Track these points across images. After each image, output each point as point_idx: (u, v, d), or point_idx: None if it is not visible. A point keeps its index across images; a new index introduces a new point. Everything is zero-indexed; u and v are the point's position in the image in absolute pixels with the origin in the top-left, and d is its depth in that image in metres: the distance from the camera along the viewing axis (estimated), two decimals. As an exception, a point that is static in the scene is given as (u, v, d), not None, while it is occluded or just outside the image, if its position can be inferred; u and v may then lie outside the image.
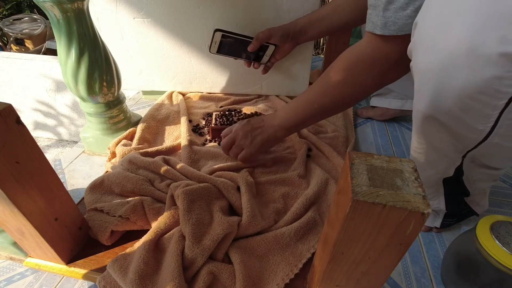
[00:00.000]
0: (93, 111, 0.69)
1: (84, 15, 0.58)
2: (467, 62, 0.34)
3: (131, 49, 0.85)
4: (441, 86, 0.39)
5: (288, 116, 0.59)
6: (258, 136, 0.61)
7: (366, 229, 0.25)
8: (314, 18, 0.71)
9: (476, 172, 0.47)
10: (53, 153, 1.41)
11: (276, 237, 0.50)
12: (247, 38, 0.74)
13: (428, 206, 0.22)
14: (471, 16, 0.32)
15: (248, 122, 0.63)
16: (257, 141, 0.61)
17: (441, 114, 0.41)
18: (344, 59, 0.51)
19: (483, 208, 0.54)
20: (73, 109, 1.36)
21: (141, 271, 0.43)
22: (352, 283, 0.32)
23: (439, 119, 0.42)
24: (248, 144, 0.62)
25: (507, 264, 0.38)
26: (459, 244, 0.48)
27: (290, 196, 0.60)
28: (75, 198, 0.60)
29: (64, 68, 0.61)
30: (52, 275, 0.50)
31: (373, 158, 0.27)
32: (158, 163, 0.61)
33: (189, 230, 0.47)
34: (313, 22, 0.71)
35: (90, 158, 0.75)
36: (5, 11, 1.96)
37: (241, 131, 0.62)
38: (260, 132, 0.61)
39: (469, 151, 0.43)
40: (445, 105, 0.39)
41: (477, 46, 0.32)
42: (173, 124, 0.81)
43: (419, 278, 0.50)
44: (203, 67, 0.89)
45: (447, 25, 0.35)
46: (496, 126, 0.37)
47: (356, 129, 0.87)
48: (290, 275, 0.46)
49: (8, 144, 0.35)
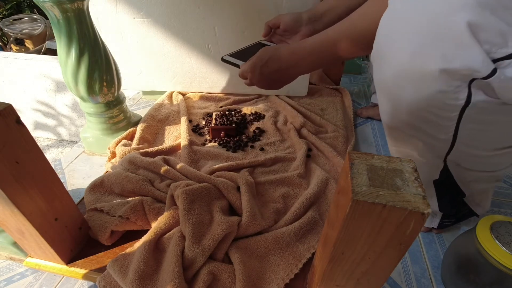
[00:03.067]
0: (93, 111, 0.69)
1: (84, 15, 0.58)
2: (413, 78, 0.36)
3: (131, 49, 0.85)
4: (395, 98, 0.41)
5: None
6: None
7: (366, 229, 0.25)
8: (330, 2, 0.67)
9: (468, 174, 0.46)
10: (53, 153, 1.41)
11: (276, 237, 0.50)
12: (253, 44, 0.73)
13: (428, 206, 0.22)
14: (415, 35, 0.35)
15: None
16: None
17: (403, 126, 0.43)
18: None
19: (484, 209, 0.54)
20: (73, 109, 1.36)
21: (141, 271, 0.43)
22: (352, 283, 0.32)
23: (403, 130, 0.44)
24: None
25: (507, 264, 0.38)
26: (459, 244, 0.48)
27: (290, 196, 0.60)
28: (75, 198, 0.60)
29: (64, 68, 0.61)
30: (52, 275, 0.50)
31: (373, 158, 0.27)
32: (158, 163, 0.61)
33: (189, 230, 0.47)
34: (329, 4, 0.67)
35: (90, 158, 0.75)
36: (5, 11, 1.96)
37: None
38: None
39: (446, 155, 0.43)
40: (403, 117, 0.41)
41: (420, 63, 0.35)
42: (173, 124, 0.81)
43: (419, 278, 0.50)
44: (203, 67, 0.89)
45: (395, 42, 0.37)
46: (457, 136, 0.39)
47: (356, 129, 0.87)
48: (290, 275, 0.46)
49: (8, 144, 0.35)
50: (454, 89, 0.34)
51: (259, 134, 0.78)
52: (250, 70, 0.57)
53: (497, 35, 0.30)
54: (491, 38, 0.30)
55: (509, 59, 0.30)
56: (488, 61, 0.30)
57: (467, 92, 0.34)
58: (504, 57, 0.30)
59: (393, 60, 0.38)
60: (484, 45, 0.30)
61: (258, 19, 0.79)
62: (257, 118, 0.83)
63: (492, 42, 0.30)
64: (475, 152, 0.41)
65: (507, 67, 0.30)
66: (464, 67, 0.32)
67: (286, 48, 0.54)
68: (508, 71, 0.30)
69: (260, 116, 0.84)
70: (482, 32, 0.30)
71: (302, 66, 0.54)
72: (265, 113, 0.85)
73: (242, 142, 0.74)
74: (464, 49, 0.31)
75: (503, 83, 0.31)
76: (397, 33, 0.37)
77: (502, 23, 0.29)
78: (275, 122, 0.82)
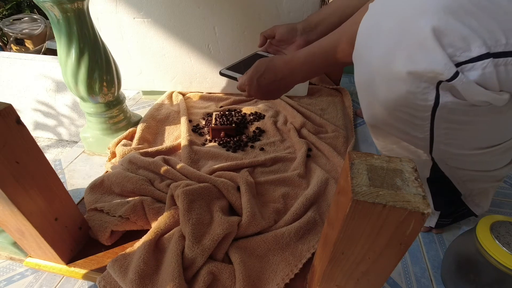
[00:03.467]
0: (93, 111, 0.69)
1: (84, 15, 0.58)
2: (384, 78, 0.38)
3: (131, 49, 0.85)
4: (371, 97, 0.42)
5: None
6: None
7: (366, 229, 0.25)
8: (324, 11, 0.70)
9: (461, 173, 0.46)
10: (53, 153, 1.41)
11: (276, 237, 0.50)
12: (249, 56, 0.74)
13: (428, 206, 0.22)
14: (386, 37, 0.36)
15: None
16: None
17: (382, 124, 0.44)
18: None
19: (483, 209, 0.53)
20: (73, 109, 1.36)
21: (141, 271, 0.43)
22: (352, 283, 0.32)
23: (383, 129, 0.45)
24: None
25: (507, 264, 0.38)
26: (459, 244, 0.48)
27: (290, 196, 0.60)
28: (75, 198, 0.60)
29: (64, 68, 0.61)
30: (52, 275, 0.50)
31: (373, 158, 0.27)
32: (158, 163, 0.61)
33: (189, 230, 0.47)
34: (323, 15, 0.70)
35: (90, 158, 0.75)
36: (5, 11, 1.96)
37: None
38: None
39: (430, 153, 0.44)
40: (380, 116, 0.43)
41: (389, 64, 0.36)
42: (173, 124, 0.81)
43: (419, 278, 0.50)
44: (203, 67, 0.89)
45: (370, 44, 0.38)
46: (434, 135, 0.40)
47: (356, 129, 0.87)
48: (290, 275, 0.46)
49: (8, 144, 0.35)
50: (422, 90, 0.35)
51: (259, 134, 0.78)
52: (247, 83, 0.59)
53: (460, 39, 0.30)
54: (454, 42, 0.31)
55: (472, 62, 0.31)
56: (450, 64, 0.31)
57: (435, 94, 0.35)
58: (467, 60, 0.31)
59: (368, 61, 0.39)
60: (448, 49, 0.31)
61: (258, 19, 0.79)
62: (257, 118, 0.83)
63: (456, 46, 0.31)
64: (456, 151, 0.42)
65: (470, 70, 0.31)
66: (428, 69, 0.33)
67: (281, 59, 0.57)
68: (471, 74, 0.31)
69: (260, 116, 0.84)
70: (446, 37, 0.31)
71: (297, 75, 0.56)
72: (265, 113, 0.85)
73: (242, 142, 0.74)
74: (427, 52, 0.32)
75: (466, 85, 0.32)
76: (372, 36, 0.38)
77: (465, 28, 0.30)
78: (275, 122, 0.82)
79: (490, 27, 0.30)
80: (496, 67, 0.30)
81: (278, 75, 0.57)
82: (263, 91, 0.59)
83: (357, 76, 0.43)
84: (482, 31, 0.30)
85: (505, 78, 0.31)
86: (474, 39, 0.30)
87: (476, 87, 0.32)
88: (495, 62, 0.30)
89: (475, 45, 0.30)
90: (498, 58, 0.30)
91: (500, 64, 0.30)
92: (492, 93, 0.32)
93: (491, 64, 0.30)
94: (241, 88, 0.62)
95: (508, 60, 0.30)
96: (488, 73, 0.31)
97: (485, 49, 0.30)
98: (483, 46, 0.30)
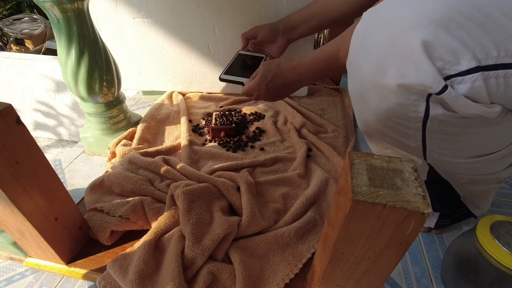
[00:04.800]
0: (93, 111, 0.69)
1: (84, 15, 0.58)
2: (375, 89, 0.38)
3: (131, 49, 0.85)
4: (363, 106, 0.43)
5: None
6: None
7: (366, 229, 0.25)
8: (305, 13, 0.72)
9: (460, 176, 0.46)
10: (53, 153, 1.41)
11: (276, 237, 0.50)
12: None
13: (428, 206, 0.22)
14: (376, 49, 0.36)
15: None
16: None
17: (375, 133, 0.45)
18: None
19: (483, 210, 0.53)
20: (73, 109, 1.36)
21: (141, 271, 0.43)
22: (352, 283, 0.32)
23: (377, 136, 0.45)
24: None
25: (507, 264, 0.38)
26: (459, 244, 0.48)
27: (290, 196, 0.60)
28: (75, 198, 0.60)
29: (64, 68, 0.61)
30: (52, 275, 0.50)
31: (373, 158, 0.27)
32: (158, 163, 0.61)
33: (189, 230, 0.47)
34: (304, 16, 0.72)
35: (90, 158, 0.75)
36: (5, 11, 1.96)
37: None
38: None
39: (425, 159, 0.44)
40: (372, 124, 0.43)
41: (380, 76, 0.36)
42: (173, 124, 0.81)
43: (419, 278, 0.50)
44: (203, 67, 0.89)
45: (363, 55, 0.38)
46: (426, 145, 0.40)
47: (356, 129, 0.87)
48: (290, 275, 0.46)
49: (8, 144, 0.35)
50: (412, 102, 0.35)
51: (259, 134, 0.78)
52: (257, 88, 0.61)
53: (449, 53, 0.30)
54: (444, 55, 0.31)
55: (461, 76, 0.31)
56: (439, 78, 0.31)
57: (425, 106, 0.35)
58: (457, 74, 0.31)
59: (360, 70, 0.39)
60: (438, 62, 0.31)
61: (258, 19, 0.79)
62: (257, 118, 0.83)
63: (445, 60, 0.31)
64: (450, 160, 0.42)
65: (460, 83, 0.31)
66: (417, 83, 0.33)
67: (288, 65, 0.59)
68: (460, 87, 0.31)
69: (260, 116, 0.84)
70: (435, 50, 0.31)
71: (303, 80, 0.59)
72: (265, 113, 0.85)
73: (242, 142, 0.74)
74: (416, 65, 0.32)
75: (455, 98, 0.32)
76: (364, 46, 0.38)
77: (455, 41, 0.30)
78: (275, 122, 0.82)
79: (481, 40, 0.30)
80: (485, 80, 0.30)
81: (286, 80, 0.59)
82: (272, 94, 0.62)
83: (350, 84, 0.43)
84: (472, 44, 0.30)
85: (496, 90, 0.31)
86: (463, 52, 0.30)
87: (465, 100, 0.32)
88: (485, 76, 0.30)
89: (464, 58, 0.30)
90: (488, 71, 0.30)
91: (490, 77, 0.30)
92: (482, 106, 0.32)
93: (480, 78, 0.30)
94: (248, 93, 0.64)
95: (499, 73, 0.30)
96: (478, 87, 0.31)
97: (475, 63, 0.30)
98: (473, 59, 0.30)
